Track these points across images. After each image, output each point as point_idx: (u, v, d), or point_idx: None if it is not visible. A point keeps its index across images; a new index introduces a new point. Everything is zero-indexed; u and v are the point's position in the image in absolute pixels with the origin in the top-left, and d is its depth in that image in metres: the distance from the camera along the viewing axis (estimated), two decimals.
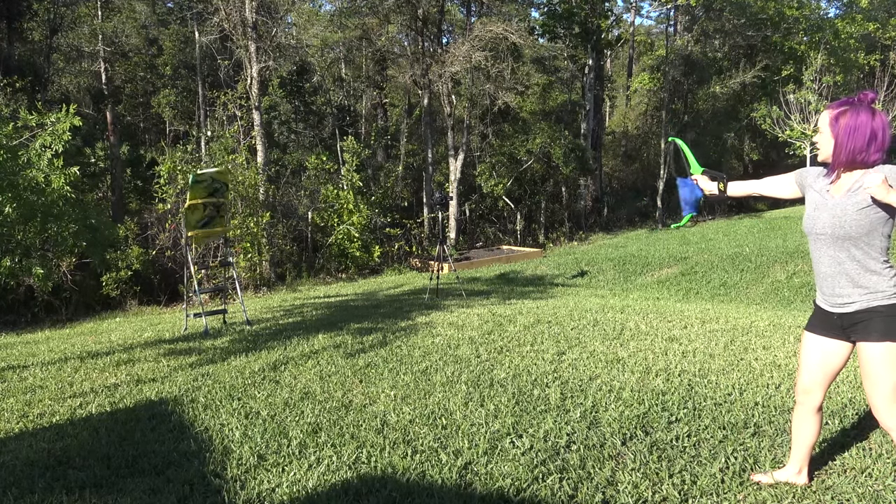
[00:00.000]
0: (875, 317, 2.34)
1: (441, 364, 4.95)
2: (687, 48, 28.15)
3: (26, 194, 7.85)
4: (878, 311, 2.34)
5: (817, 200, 2.46)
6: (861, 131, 2.29)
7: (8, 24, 20.23)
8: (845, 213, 2.34)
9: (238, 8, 17.82)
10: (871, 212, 2.30)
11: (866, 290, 2.36)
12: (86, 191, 17.88)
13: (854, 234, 2.34)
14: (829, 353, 2.55)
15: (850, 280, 2.39)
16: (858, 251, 2.35)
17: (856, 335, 2.43)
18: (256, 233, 16.53)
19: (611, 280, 14.58)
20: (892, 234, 2.39)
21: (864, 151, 2.30)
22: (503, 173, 23.97)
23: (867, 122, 2.29)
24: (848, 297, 2.41)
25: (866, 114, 2.31)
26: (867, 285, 2.36)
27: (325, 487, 2.95)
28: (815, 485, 2.80)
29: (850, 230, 2.34)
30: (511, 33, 21.26)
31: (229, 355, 5.79)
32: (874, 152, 2.31)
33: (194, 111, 26.00)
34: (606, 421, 3.53)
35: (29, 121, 8.45)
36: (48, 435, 3.89)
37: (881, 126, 2.30)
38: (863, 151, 2.30)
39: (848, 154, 2.32)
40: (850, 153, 2.32)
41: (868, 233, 2.32)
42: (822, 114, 2.39)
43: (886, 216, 2.31)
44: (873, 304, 2.35)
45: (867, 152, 2.30)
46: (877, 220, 2.30)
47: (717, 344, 5.34)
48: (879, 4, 31.25)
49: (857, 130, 2.29)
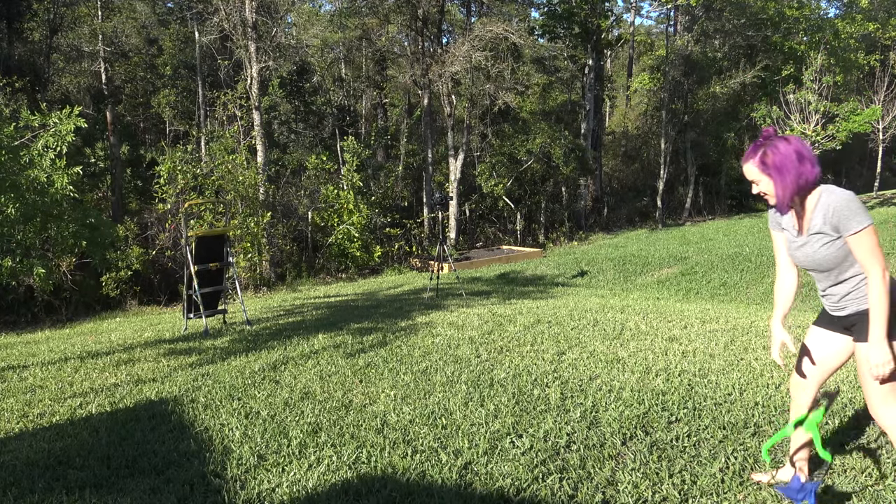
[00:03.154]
0: (867, 318, 2.41)
1: (441, 364, 4.95)
2: (687, 48, 28.14)
3: (28, 194, 7.85)
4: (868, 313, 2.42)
5: (790, 239, 2.59)
6: (789, 158, 2.41)
7: (8, 24, 20.23)
8: (815, 251, 2.47)
9: (238, 8, 17.82)
10: (834, 246, 2.42)
11: (854, 298, 2.48)
12: (86, 191, 17.88)
13: (829, 266, 2.47)
14: (830, 347, 2.63)
15: (839, 295, 2.52)
16: (840, 275, 2.48)
17: (853, 335, 2.53)
18: (256, 233, 16.53)
19: (611, 280, 14.58)
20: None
21: (800, 175, 2.41)
22: (503, 173, 23.96)
23: (788, 148, 2.41)
24: (841, 304, 2.53)
25: (783, 142, 2.43)
26: (855, 296, 2.48)
27: (325, 487, 2.95)
28: None
29: (823, 264, 2.47)
30: (511, 33, 21.26)
31: (229, 355, 5.79)
32: (810, 168, 2.41)
33: (194, 111, 26.00)
34: (606, 421, 3.53)
35: (31, 121, 8.43)
36: (48, 435, 3.89)
37: (800, 144, 2.44)
38: (800, 176, 2.41)
39: (793, 183, 2.42)
40: (794, 182, 2.42)
41: (841, 262, 2.44)
42: (746, 167, 2.50)
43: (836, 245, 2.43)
44: (863, 307, 2.44)
45: (803, 173, 2.41)
46: (844, 250, 2.41)
47: (717, 344, 5.34)
48: (879, 4, 31.24)
49: (787, 158, 2.41)
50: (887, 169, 32.41)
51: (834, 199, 2.38)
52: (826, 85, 22.75)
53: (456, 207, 22.95)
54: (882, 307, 2.33)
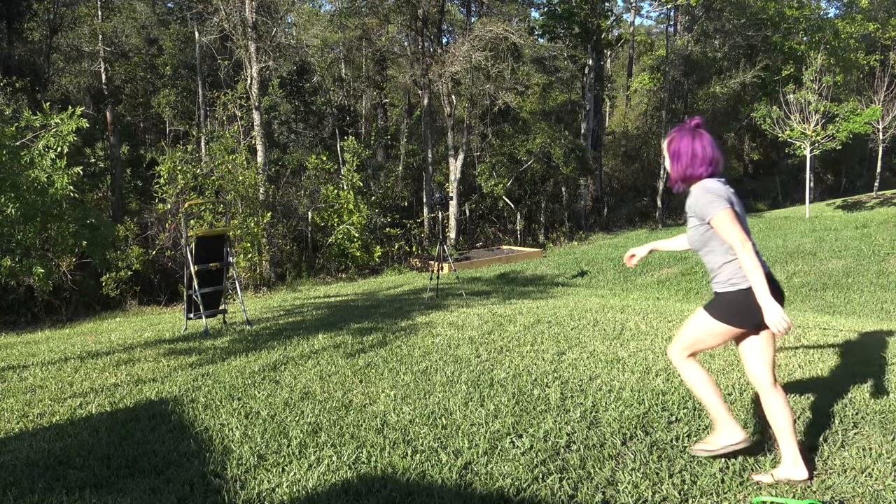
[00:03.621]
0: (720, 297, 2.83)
1: (441, 364, 4.95)
2: (687, 48, 28.14)
3: (28, 194, 7.85)
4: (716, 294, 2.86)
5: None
6: (686, 152, 2.78)
7: (8, 24, 20.23)
8: (689, 232, 2.89)
9: (238, 8, 17.82)
10: (700, 230, 2.81)
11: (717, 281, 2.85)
12: (86, 191, 17.87)
13: (697, 247, 2.88)
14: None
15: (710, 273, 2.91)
16: (706, 255, 2.87)
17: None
18: (256, 233, 16.53)
19: (611, 280, 14.58)
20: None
21: (690, 167, 2.78)
22: (503, 173, 23.96)
23: (688, 144, 2.77)
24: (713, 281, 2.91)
25: (687, 137, 2.79)
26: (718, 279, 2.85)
27: (325, 487, 2.96)
28: (815, 485, 2.80)
29: (693, 244, 2.90)
30: (511, 33, 21.26)
31: (229, 355, 5.79)
32: (699, 167, 2.77)
33: (194, 111, 26.00)
34: (606, 421, 3.53)
35: (33, 121, 8.43)
36: (48, 435, 3.89)
37: (701, 145, 2.76)
38: (689, 167, 2.78)
39: (681, 172, 2.81)
40: (682, 171, 2.81)
41: (706, 243, 2.82)
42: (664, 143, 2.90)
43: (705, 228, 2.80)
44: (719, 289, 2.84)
45: (692, 168, 2.78)
46: (709, 234, 2.79)
47: None
48: (879, 4, 31.24)
49: (684, 151, 2.78)
50: (887, 169, 32.38)
51: (696, 192, 2.77)
52: (826, 85, 22.75)
53: (456, 207, 22.96)
54: (754, 273, 2.60)
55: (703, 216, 2.73)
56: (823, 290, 11.86)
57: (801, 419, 3.46)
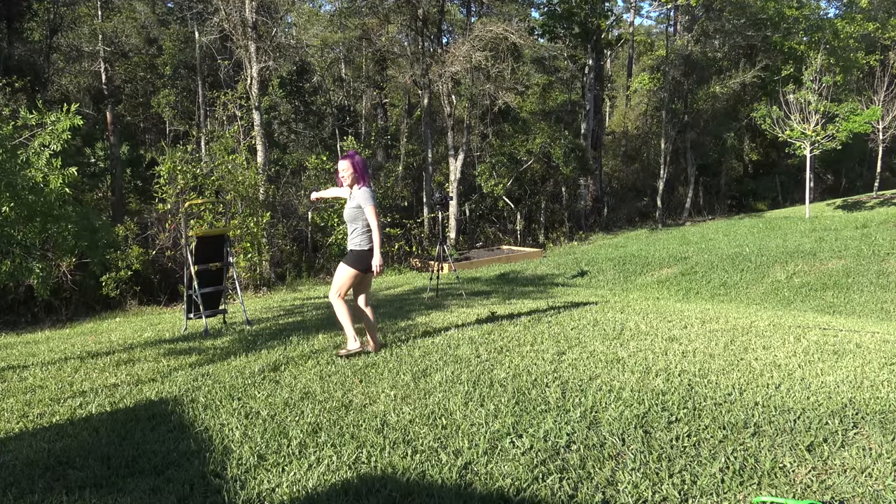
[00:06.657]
0: (353, 253, 5.15)
1: (441, 364, 4.95)
2: (687, 48, 28.14)
3: (24, 194, 7.83)
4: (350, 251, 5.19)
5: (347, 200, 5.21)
6: (360, 167, 5.13)
7: (8, 24, 20.24)
8: (348, 210, 5.14)
9: (238, 8, 17.82)
10: (356, 211, 5.08)
11: (352, 242, 5.17)
12: (86, 191, 17.89)
13: (350, 220, 5.12)
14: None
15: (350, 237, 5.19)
16: (352, 226, 5.12)
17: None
18: (256, 233, 16.53)
19: (611, 280, 14.59)
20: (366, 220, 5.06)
21: (362, 177, 5.14)
22: (503, 173, 23.96)
23: (360, 162, 5.11)
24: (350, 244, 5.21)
25: (359, 158, 5.11)
26: (353, 241, 5.16)
27: (325, 487, 2.96)
28: (815, 485, 2.80)
29: (348, 218, 5.14)
30: (511, 33, 21.26)
31: (229, 355, 5.79)
32: (363, 177, 5.13)
33: (194, 111, 26.00)
34: (606, 421, 3.53)
35: (29, 120, 8.42)
36: (48, 435, 3.89)
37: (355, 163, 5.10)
38: (362, 177, 5.13)
39: (360, 178, 5.12)
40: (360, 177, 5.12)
41: (355, 219, 5.09)
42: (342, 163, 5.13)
43: (360, 211, 5.05)
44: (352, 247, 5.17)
45: (363, 178, 5.14)
46: (356, 212, 5.07)
47: (717, 344, 5.34)
48: (879, 4, 31.25)
49: (362, 166, 5.14)
50: (887, 169, 32.39)
51: (358, 193, 5.06)
52: (826, 85, 22.76)
53: (456, 207, 22.96)
54: (377, 237, 5.03)
55: (362, 205, 5.03)
56: (823, 290, 11.86)
57: (801, 419, 3.47)
